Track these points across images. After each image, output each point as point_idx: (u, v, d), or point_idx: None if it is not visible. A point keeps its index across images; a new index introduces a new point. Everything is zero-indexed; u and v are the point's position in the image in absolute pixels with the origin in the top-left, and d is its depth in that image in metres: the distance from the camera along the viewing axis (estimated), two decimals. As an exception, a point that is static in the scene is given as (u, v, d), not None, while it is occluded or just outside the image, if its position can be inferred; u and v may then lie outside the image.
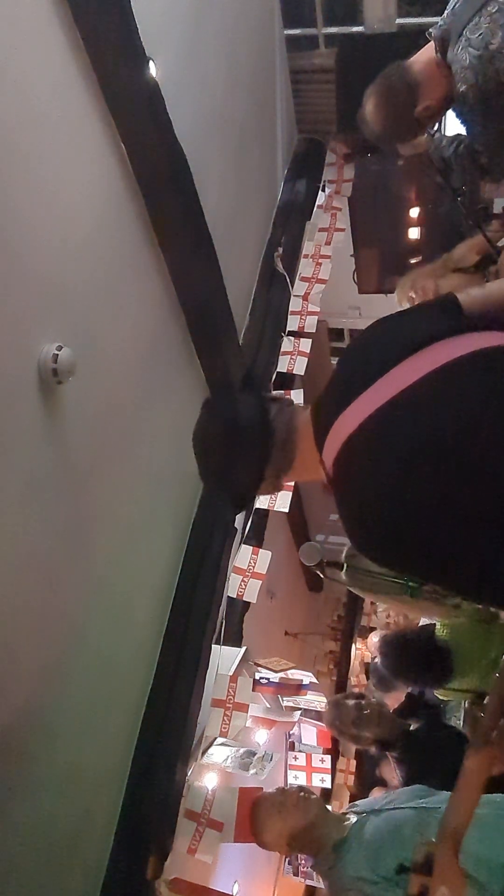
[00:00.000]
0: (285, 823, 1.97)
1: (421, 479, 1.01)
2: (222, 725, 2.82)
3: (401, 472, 1.03)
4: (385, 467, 1.05)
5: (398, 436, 1.05)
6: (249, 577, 3.17)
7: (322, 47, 4.23)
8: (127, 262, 2.39)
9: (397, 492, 1.03)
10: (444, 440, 1.00)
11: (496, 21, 1.75)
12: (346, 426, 1.11)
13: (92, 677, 2.25)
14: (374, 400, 1.08)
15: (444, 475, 0.99)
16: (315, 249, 4.08)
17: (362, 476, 1.10)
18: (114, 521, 2.38)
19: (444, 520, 1.00)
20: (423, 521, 1.02)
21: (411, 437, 1.03)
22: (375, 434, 1.08)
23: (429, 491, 1.00)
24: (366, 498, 1.09)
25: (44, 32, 1.83)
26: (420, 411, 1.05)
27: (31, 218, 1.79)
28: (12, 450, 1.78)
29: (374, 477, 1.07)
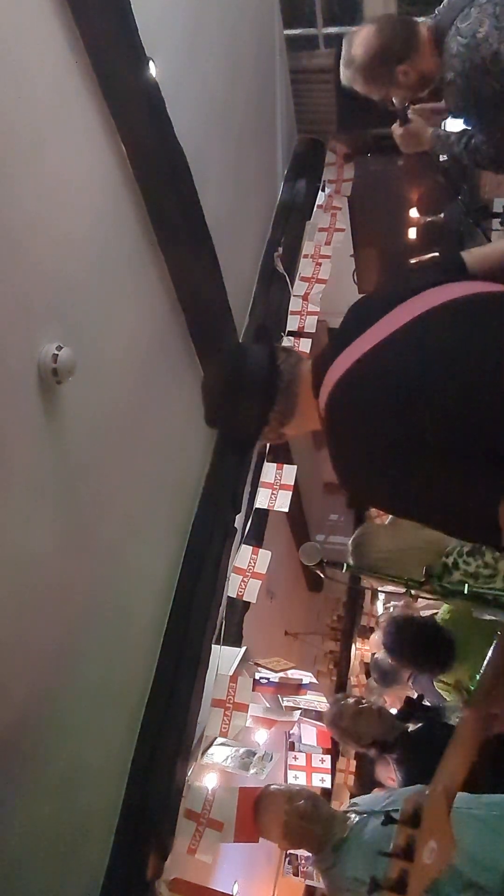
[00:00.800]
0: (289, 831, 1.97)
1: (400, 417, 1.04)
2: (222, 725, 2.82)
3: (382, 411, 1.07)
4: (368, 406, 1.10)
5: (381, 375, 1.10)
6: (249, 577, 3.17)
7: (322, 47, 4.23)
8: (127, 262, 2.39)
9: (380, 430, 1.07)
10: (423, 378, 1.03)
11: (485, 11, 1.79)
12: (337, 370, 1.17)
13: (92, 677, 2.25)
14: (364, 344, 1.14)
15: (420, 412, 1.02)
16: (315, 249, 4.08)
17: (348, 416, 1.15)
18: (114, 521, 2.38)
19: (421, 457, 1.03)
20: (402, 458, 1.05)
21: (393, 376, 1.07)
22: (361, 375, 1.13)
23: (407, 428, 1.03)
24: (351, 436, 1.14)
25: (44, 32, 1.83)
26: (404, 351, 1.09)
27: (30, 218, 1.79)
28: (12, 450, 1.78)
29: (358, 416, 1.12)
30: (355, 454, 1.15)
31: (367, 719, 2.49)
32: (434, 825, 1.05)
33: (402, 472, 1.06)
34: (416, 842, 1.04)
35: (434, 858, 1.02)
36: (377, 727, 2.48)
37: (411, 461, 1.04)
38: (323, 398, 1.21)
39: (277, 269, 3.90)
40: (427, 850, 1.03)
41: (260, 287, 3.88)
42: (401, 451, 1.05)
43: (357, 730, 2.47)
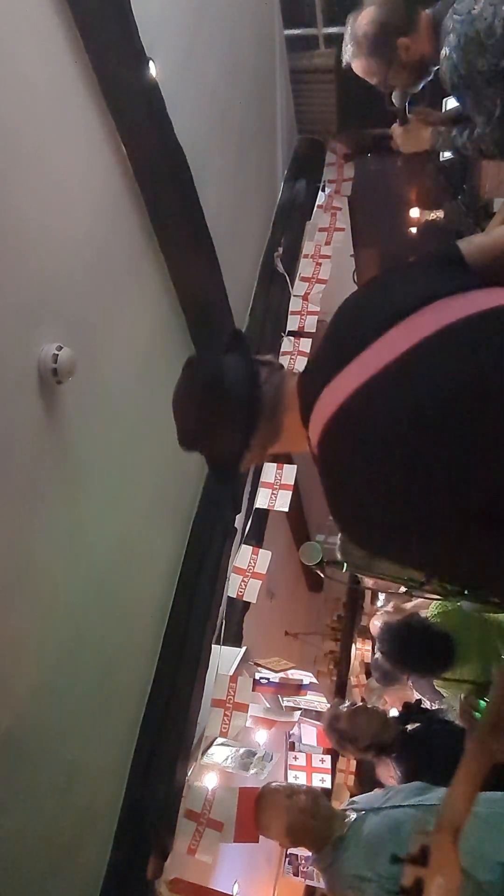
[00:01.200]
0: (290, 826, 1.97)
1: (403, 464, 0.91)
2: (222, 725, 2.82)
3: (384, 456, 0.93)
4: (368, 450, 0.95)
5: (384, 414, 0.95)
6: (249, 577, 3.17)
7: (322, 47, 4.23)
8: (127, 262, 2.39)
9: (379, 478, 0.94)
10: (431, 420, 0.89)
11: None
12: (331, 401, 1.01)
13: (92, 677, 2.25)
14: (362, 371, 0.98)
15: (427, 460, 0.89)
16: (315, 249, 4.08)
17: (345, 458, 1.00)
18: (114, 521, 2.38)
19: (428, 511, 0.91)
20: (404, 511, 0.93)
21: (397, 416, 0.93)
22: (360, 412, 0.98)
23: (410, 478, 0.90)
24: (348, 483, 1.00)
25: (44, 32, 1.83)
26: (410, 385, 0.93)
27: (30, 218, 1.79)
28: (12, 450, 1.78)
29: (356, 460, 0.98)
30: (354, 501, 1.01)
31: (363, 718, 2.49)
32: (442, 861, 1.07)
33: (404, 524, 0.94)
34: (424, 880, 1.07)
35: (442, 894, 1.05)
36: (374, 726, 2.48)
37: (416, 515, 0.92)
38: (315, 432, 1.05)
39: (277, 269, 3.90)
40: (435, 887, 1.06)
41: (260, 287, 3.88)
42: (408, 503, 0.92)
43: (354, 730, 2.47)
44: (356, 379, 0.98)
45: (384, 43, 2.07)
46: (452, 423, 0.88)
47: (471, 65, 1.87)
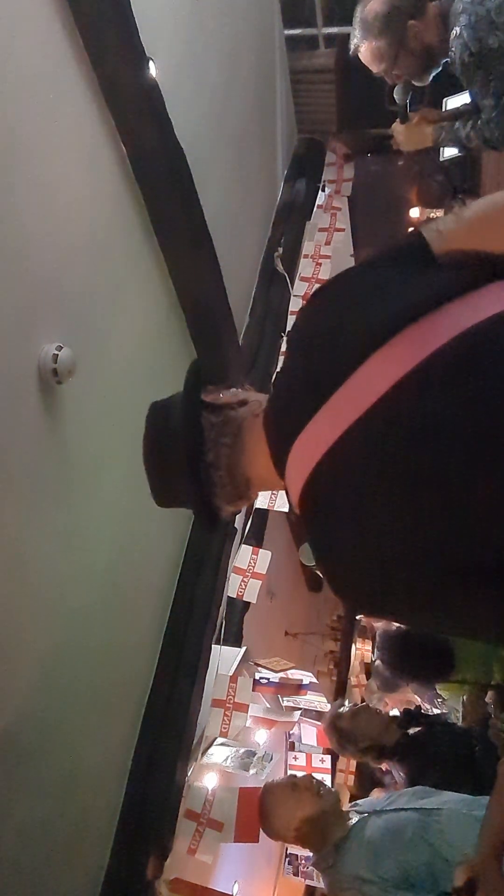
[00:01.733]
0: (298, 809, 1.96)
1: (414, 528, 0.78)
2: (222, 725, 2.82)
3: (387, 518, 0.79)
4: (369, 510, 0.81)
5: (383, 466, 0.79)
6: (249, 577, 3.17)
7: (322, 47, 4.24)
8: (127, 263, 2.39)
9: (373, 542, 0.81)
10: (426, 473, 0.76)
11: None
12: (312, 447, 0.85)
13: (92, 677, 2.25)
14: (338, 417, 0.82)
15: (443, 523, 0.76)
16: (315, 249, 4.08)
17: (339, 515, 0.85)
18: (114, 521, 2.38)
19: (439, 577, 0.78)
20: (412, 577, 0.80)
21: (388, 472, 0.79)
22: (341, 470, 0.83)
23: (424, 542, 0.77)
24: (345, 546, 0.86)
25: (44, 32, 1.83)
26: (398, 435, 0.78)
27: (31, 218, 1.79)
28: (12, 450, 1.78)
29: (345, 528, 0.84)
30: (340, 560, 0.88)
31: (364, 719, 2.49)
32: (491, 887, 1.06)
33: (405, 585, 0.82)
34: None
35: None
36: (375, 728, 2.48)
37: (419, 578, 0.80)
38: (295, 484, 0.89)
39: (277, 269, 3.90)
40: None
41: (260, 287, 3.88)
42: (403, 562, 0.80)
43: (355, 730, 2.47)
44: (333, 428, 0.83)
45: (395, 22, 2.08)
46: (452, 473, 0.75)
47: (482, 42, 1.88)
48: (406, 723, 2.61)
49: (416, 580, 0.80)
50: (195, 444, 1.00)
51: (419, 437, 0.77)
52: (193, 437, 1.01)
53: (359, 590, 0.90)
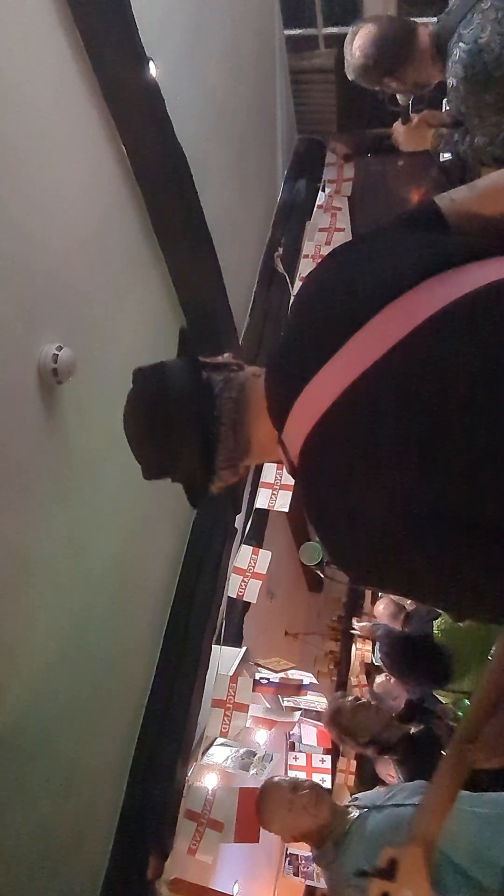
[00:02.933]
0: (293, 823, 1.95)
1: (410, 484, 0.76)
2: (222, 725, 2.82)
3: (382, 468, 0.78)
4: (363, 463, 0.79)
5: (384, 419, 0.78)
6: (249, 577, 3.17)
7: (322, 47, 4.24)
8: (127, 263, 2.39)
9: (377, 494, 0.78)
10: (439, 422, 0.75)
11: (487, 17, 1.79)
12: (313, 405, 0.83)
13: (92, 677, 2.25)
14: (348, 368, 0.81)
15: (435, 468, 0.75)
16: (315, 249, 4.08)
17: (335, 474, 0.83)
18: (114, 521, 2.38)
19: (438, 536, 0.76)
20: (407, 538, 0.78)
21: (400, 421, 0.77)
22: (353, 417, 0.81)
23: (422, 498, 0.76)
24: (339, 502, 0.84)
25: (44, 33, 1.83)
26: (411, 383, 0.77)
27: (31, 218, 1.79)
28: (12, 450, 1.78)
29: (349, 476, 0.82)
30: (347, 521, 0.84)
31: (365, 714, 2.49)
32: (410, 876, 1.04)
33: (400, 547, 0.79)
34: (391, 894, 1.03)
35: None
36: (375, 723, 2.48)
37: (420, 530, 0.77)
38: (295, 441, 0.87)
39: (277, 270, 3.90)
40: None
41: (260, 287, 3.88)
42: (410, 518, 0.77)
43: (356, 725, 2.47)
44: (342, 378, 0.81)
45: (371, 78, 2.10)
46: (467, 423, 0.74)
47: (478, 97, 1.86)
48: (407, 719, 2.60)
49: (421, 537, 0.77)
50: (205, 397, 0.97)
51: (433, 382, 0.76)
52: (202, 390, 0.98)
53: (357, 553, 0.86)
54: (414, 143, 2.34)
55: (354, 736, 2.47)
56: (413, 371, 0.77)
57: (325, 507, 0.87)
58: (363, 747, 2.51)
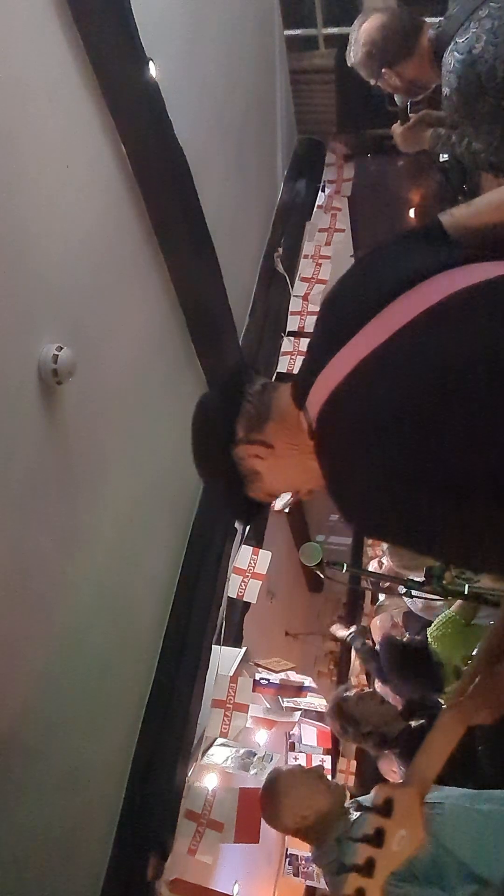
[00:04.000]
0: (312, 797, 1.93)
1: (404, 444, 0.87)
2: (222, 726, 2.82)
3: (388, 432, 0.89)
4: (370, 426, 0.91)
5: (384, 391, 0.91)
6: (249, 577, 3.17)
7: (322, 48, 4.24)
8: (127, 263, 2.39)
9: (386, 454, 0.89)
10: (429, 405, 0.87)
11: (483, 26, 1.78)
12: (331, 376, 0.98)
13: (92, 677, 2.25)
14: (363, 346, 0.96)
15: (435, 432, 0.86)
16: (315, 250, 4.09)
17: (345, 437, 0.96)
18: (114, 521, 2.38)
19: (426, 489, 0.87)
20: (408, 486, 0.88)
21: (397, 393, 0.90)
22: (362, 385, 0.95)
23: (413, 456, 0.87)
24: (350, 461, 0.95)
25: (44, 33, 1.83)
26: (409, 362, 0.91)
27: (31, 218, 1.79)
28: (12, 450, 1.78)
29: (359, 438, 0.93)
30: (352, 482, 0.96)
31: (371, 702, 2.49)
32: (406, 815, 1.04)
33: (405, 501, 0.89)
34: (386, 830, 1.04)
35: (403, 846, 1.03)
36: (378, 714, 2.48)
37: (418, 491, 0.87)
38: (313, 409, 1.01)
39: (277, 270, 3.90)
40: (397, 839, 1.03)
41: (260, 287, 3.88)
42: (406, 484, 0.88)
43: (360, 712, 2.46)
44: (357, 354, 0.96)
45: (370, 66, 2.10)
46: (470, 386, 0.85)
47: (471, 106, 1.86)
48: (409, 713, 2.61)
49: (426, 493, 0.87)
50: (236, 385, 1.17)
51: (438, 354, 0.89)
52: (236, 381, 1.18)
53: (368, 508, 0.97)
54: (412, 143, 2.34)
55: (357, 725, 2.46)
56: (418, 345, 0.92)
57: (335, 470, 1.00)
58: (364, 739, 2.50)
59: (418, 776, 1.11)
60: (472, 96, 1.84)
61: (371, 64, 2.10)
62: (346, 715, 2.48)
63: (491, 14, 1.78)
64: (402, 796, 1.05)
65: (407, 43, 2.04)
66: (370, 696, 2.51)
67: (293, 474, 1.18)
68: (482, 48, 1.77)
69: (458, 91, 1.86)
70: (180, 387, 2.89)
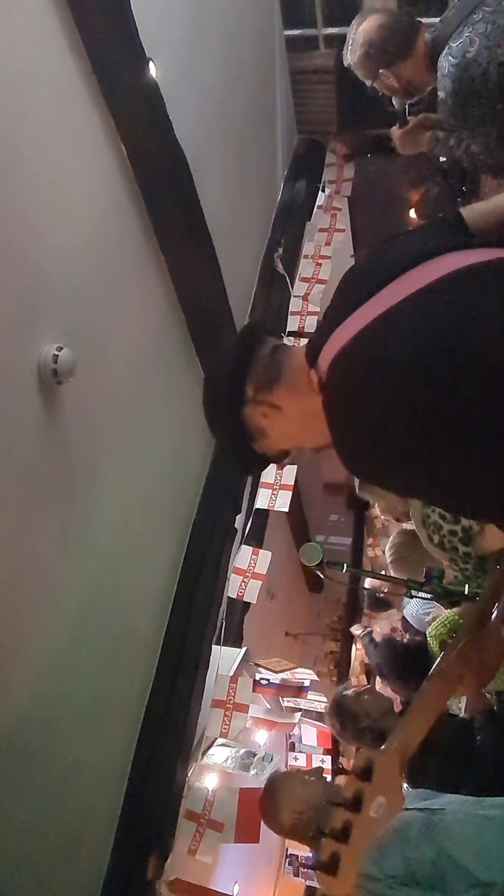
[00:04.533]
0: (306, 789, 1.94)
1: (409, 390, 0.95)
2: (222, 726, 2.82)
3: (389, 384, 0.97)
4: (373, 379, 0.99)
5: (389, 348, 1.00)
6: (249, 577, 3.17)
7: (322, 48, 4.24)
8: (127, 263, 2.39)
9: (387, 403, 0.98)
10: (429, 353, 0.95)
11: (476, 30, 1.79)
12: (339, 340, 1.07)
13: (93, 678, 2.25)
14: (374, 309, 1.04)
15: (432, 385, 0.94)
16: (315, 250, 4.09)
17: (351, 388, 1.04)
18: (113, 521, 2.38)
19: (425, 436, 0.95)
20: (410, 433, 0.97)
21: (401, 350, 0.98)
22: (366, 344, 1.03)
23: (416, 401, 0.95)
24: (355, 410, 1.03)
25: (44, 33, 1.83)
26: (417, 319, 1.00)
27: (31, 218, 1.79)
28: (12, 450, 1.78)
29: (363, 388, 1.01)
30: (359, 430, 1.04)
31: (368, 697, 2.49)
32: (385, 781, 1.03)
33: (410, 449, 0.98)
34: (364, 795, 1.03)
35: (381, 813, 1.01)
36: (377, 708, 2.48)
37: (420, 437, 0.96)
38: (324, 364, 1.09)
39: (277, 270, 3.90)
40: (375, 805, 1.02)
41: (260, 287, 3.88)
42: (409, 425, 0.96)
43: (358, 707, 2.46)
44: (367, 317, 1.04)
45: (367, 66, 2.10)
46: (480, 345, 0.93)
47: (465, 110, 1.87)
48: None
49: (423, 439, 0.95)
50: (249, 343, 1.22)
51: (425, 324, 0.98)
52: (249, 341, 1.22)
53: (371, 454, 1.04)
54: (410, 146, 2.34)
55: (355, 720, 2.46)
56: (415, 313, 1.00)
57: (342, 420, 1.06)
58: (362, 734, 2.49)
59: (400, 742, 1.09)
60: (466, 100, 1.85)
61: (368, 64, 2.10)
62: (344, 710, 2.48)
63: (485, 18, 1.79)
64: (382, 761, 1.03)
65: (404, 44, 2.05)
66: (369, 691, 2.52)
67: (298, 432, 1.23)
68: (476, 52, 1.78)
69: (452, 94, 1.87)
70: (180, 387, 2.89)
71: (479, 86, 1.79)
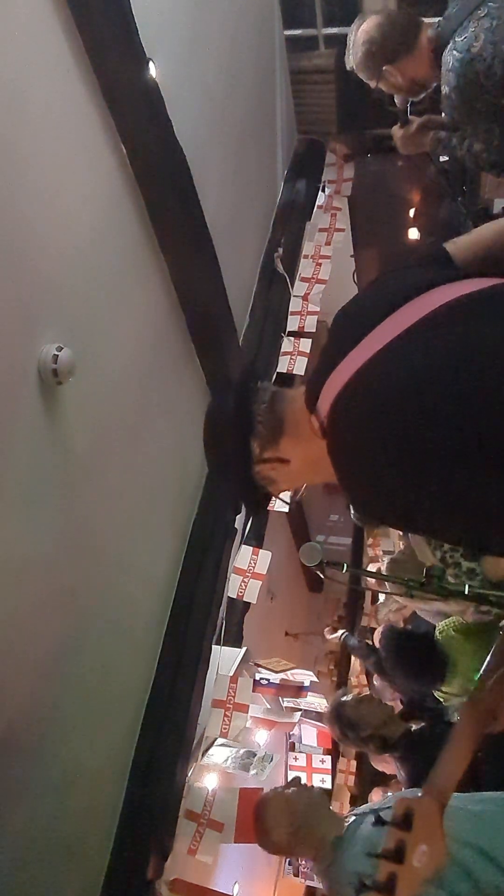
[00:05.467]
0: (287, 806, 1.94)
1: (407, 434, 0.96)
2: (222, 726, 2.82)
3: (391, 420, 0.98)
4: (374, 416, 1.01)
5: (387, 387, 1.01)
6: (250, 577, 3.17)
7: (322, 48, 4.24)
8: (127, 263, 2.39)
9: (391, 440, 0.98)
10: (429, 389, 0.96)
11: (481, 25, 1.80)
12: (341, 376, 1.07)
13: (92, 677, 2.25)
14: (369, 349, 1.05)
15: (431, 419, 0.95)
16: (315, 250, 4.09)
17: (354, 427, 1.05)
18: (114, 522, 2.38)
19: (428, 469, 0.96)
20: (412, 469, 0.97)
21: (402, 381, 0.99)
22: (366, 382, 1.04)
23: (418, 436, 0.95)
24: (358, 449, 1.04)
25: (43, 33, 1.83)
26: (414, 353, 1.00)
27: (30, 218, 1.79)
28: (12, 450, 1.78)
29: (366, 427, 1.02)
30: (363, 473, 1.05)
31: (368, 706, 2.49)
32: (426, 829, 1.02)
33: (412, 484, 0.98)
34: (406, 845, 1.02)
35: (424, 862, 1.01)
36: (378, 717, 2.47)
37: (422, 472, 0.96)
38: (324, 408, 1.10)
39: (277, 270, 3.90)
40: (418, 854, 1.01)
41: (260, 287, 3.88)
42: (412, 460, 0.97)
43: (359, 717, 2.46)
44: (364, 355, 1.05)
45: (370, 65, 2.11)
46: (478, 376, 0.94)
47: (470, 105, 1.88)
48: (409, 716, 2.60)
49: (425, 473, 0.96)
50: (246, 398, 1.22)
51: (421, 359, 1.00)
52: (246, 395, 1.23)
53: (377, 492, 1.05)
54: (412, 146, 2.35)
55: (356, 729, 2.46)
56: (412, 347, 1.01)
57: (346, 461, 1.07)
58: (364, 742, 2.50)
59: (437, 787, 1.09)
60: (470, 95, 1.85)
61: (371, 62, 2.10)
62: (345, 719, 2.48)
63: (490, 13, 1.79)
64: (421, 809, 1.03)
65: (406, 39, 2.05)
66: (368, 699, 2.51)
67: (307, 475, 1.26)
68: (481, 47, 1.79)
69: (457, 90, 1.87)
70: (180, 387, 2.89)
71: (484, 80, 1.80)
